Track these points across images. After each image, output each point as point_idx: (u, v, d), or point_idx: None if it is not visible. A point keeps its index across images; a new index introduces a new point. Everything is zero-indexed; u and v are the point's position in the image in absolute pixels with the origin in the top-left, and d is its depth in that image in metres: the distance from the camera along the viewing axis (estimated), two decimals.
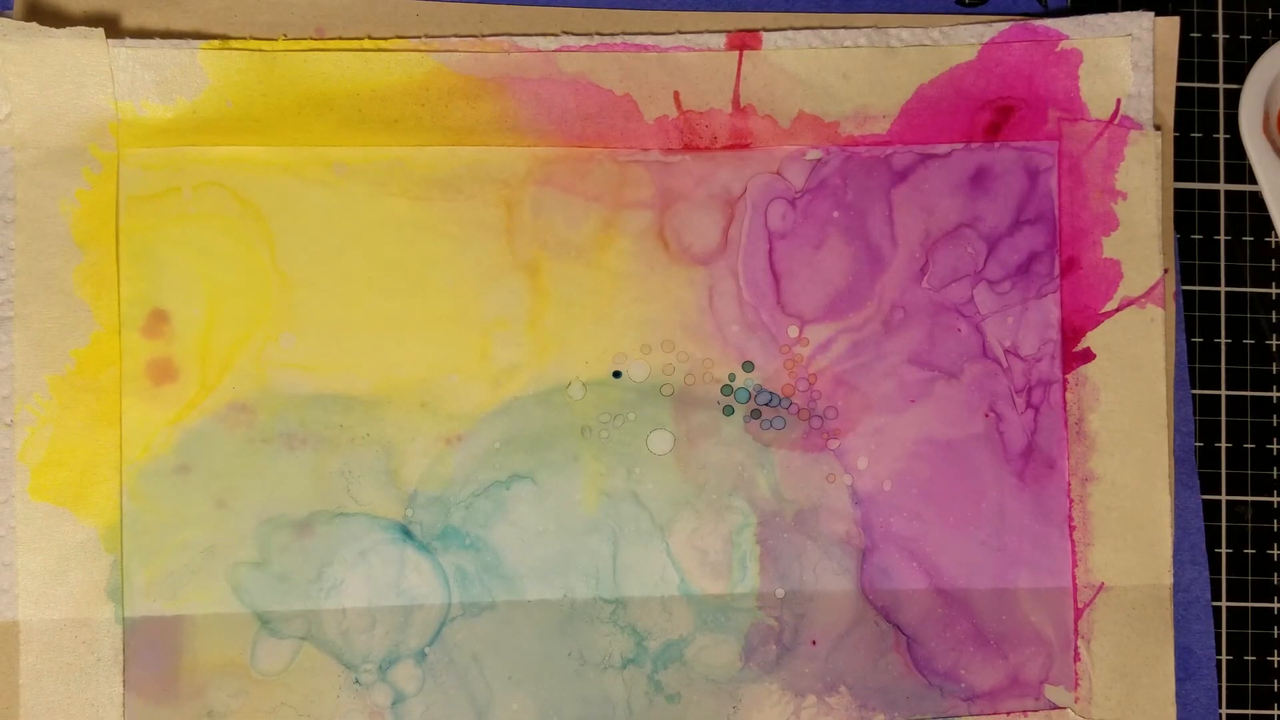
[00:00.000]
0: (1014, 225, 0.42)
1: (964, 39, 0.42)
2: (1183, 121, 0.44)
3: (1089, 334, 0.42)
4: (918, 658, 0.41)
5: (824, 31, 0.42)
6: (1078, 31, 0.42)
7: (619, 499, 0.41)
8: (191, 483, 0.40)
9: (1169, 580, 0.42)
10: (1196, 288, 0.43)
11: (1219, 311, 0.43)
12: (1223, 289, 0.43)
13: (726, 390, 0.42)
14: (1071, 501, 0.42)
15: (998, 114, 0.42)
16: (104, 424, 0.40)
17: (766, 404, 0.42)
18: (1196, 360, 0.43)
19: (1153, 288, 0.42)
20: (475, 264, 0.41)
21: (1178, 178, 0.44)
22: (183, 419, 0.40)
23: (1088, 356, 0.42)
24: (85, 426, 0.40)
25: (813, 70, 0.42)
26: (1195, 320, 0.43)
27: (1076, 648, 0.42)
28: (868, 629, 0.42)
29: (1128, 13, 0.42)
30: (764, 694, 0.41)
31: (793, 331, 0.42)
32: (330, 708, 0.40)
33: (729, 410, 0.42)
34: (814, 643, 0.41)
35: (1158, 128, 0.42)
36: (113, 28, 0.41)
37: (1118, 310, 0.42)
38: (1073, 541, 0.42)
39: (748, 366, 0.42)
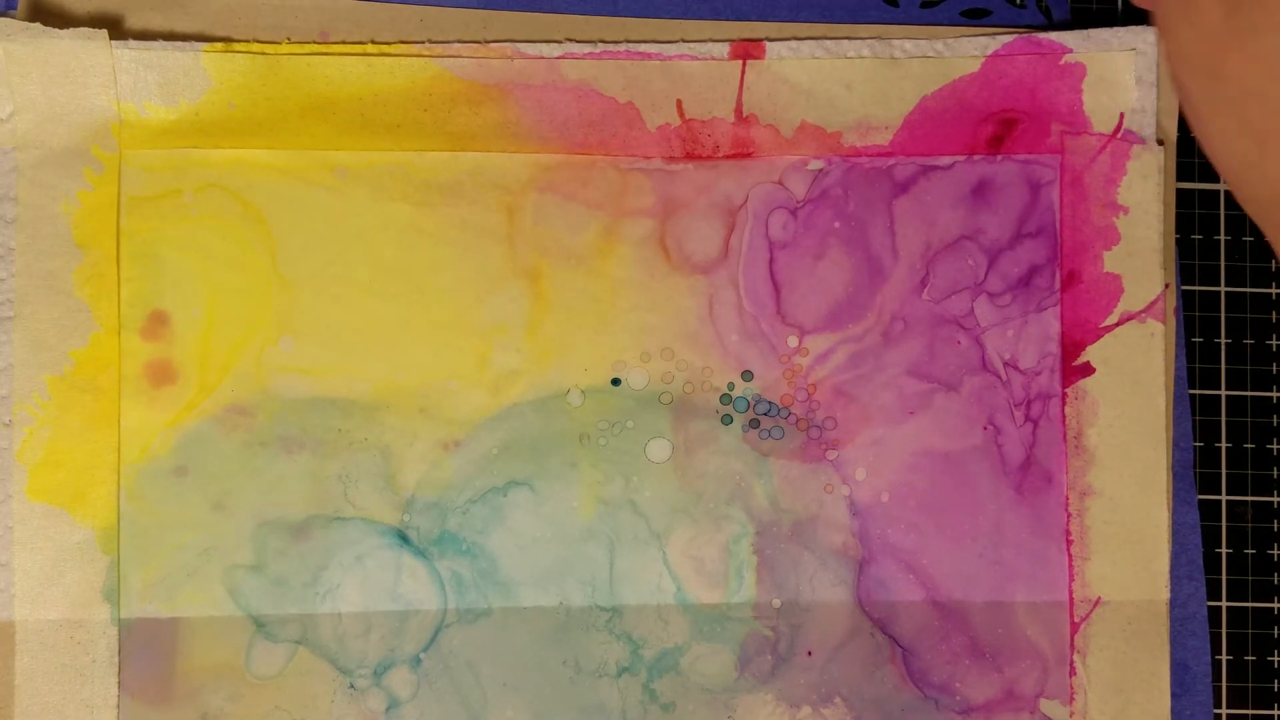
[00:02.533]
0: (1015, 238, 0.42)
1: (968, 51, 0.42)
2: (1183, 121, 0.44)
3: (1089, 348, 0.42)
4: (913, 670, 0.41)
5: (827, 42, 0.42)
6: (1082, 45, 0.42)
7: (616, 507, 0.41)
8: (189, 485, 0.40)
9: (1166, 596, 0.42)
10: (1196, 288, 0.43)
11: (1219, 312, 0.43)
12: (1222, 289, 0.43)
13: (725, 399, 0.42)
14: (1069, 516, 0.42)
15: (1000, 126, 0.42)
16: (102, 425, 0.40)
17: (765, 414, 0.42)
18: (1196, 360, 0.43)
19: (1153, 303, 0.42)
20: (476, 270, 0.41)
21: (1178, 178, 0.43)
22: (181, 421, 0.40)
23: (1087, 371, 0.42)
24: (84, 427, 0.40)
25: (815, 80, 0.42)
26: (1195, 320, 0.43)
27: (1072, 662, 0.42)
28: (864, 640, 0.41)
29: (1132, 27, 0.42)
30: (759, 704, 0.41)
31: (792, 341, 0.42)
32: (324, 712, 0.40)
33: (727, 419, 0.42)
34: (809, 653, 0.41)
35: (1160, 142, 0.42)
36: (116, 29, 0.41)
37: (1118, 325, 0.42)
38: (1070, 556, 0.42)
39: (747, 376, 0.42)
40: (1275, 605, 0.43)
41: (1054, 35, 0.42)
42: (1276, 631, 0.43)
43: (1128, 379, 0.42)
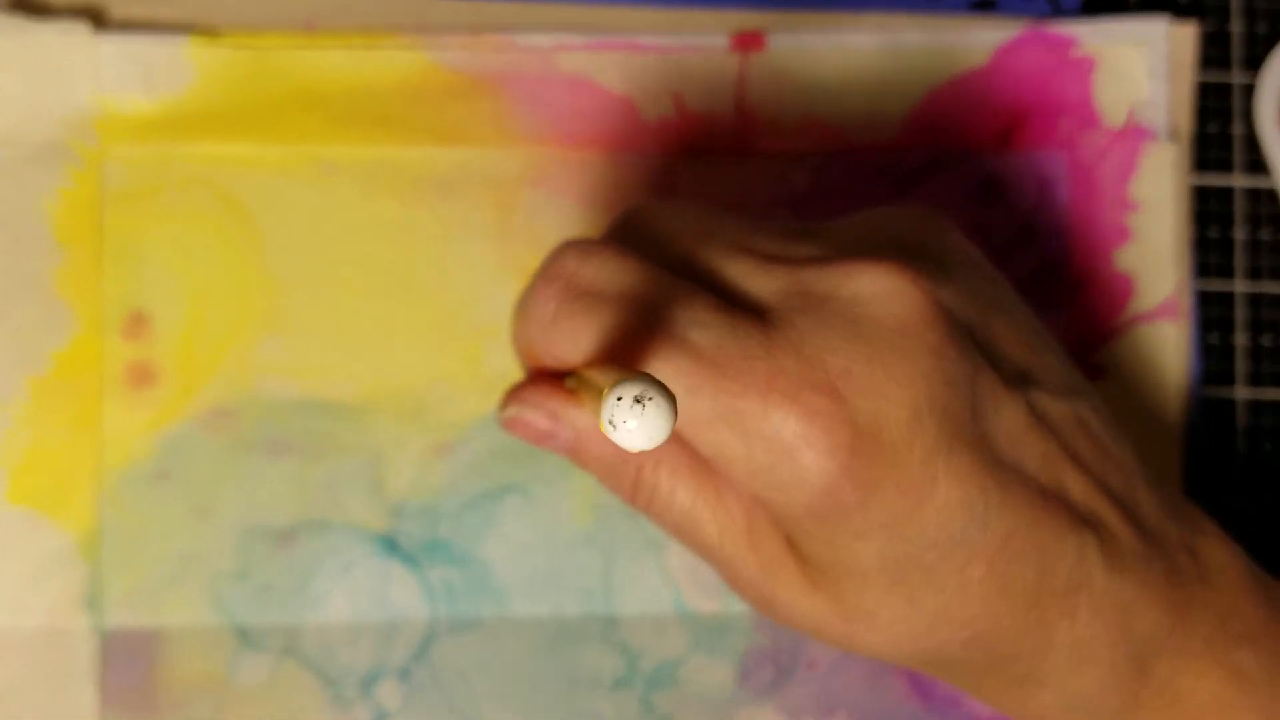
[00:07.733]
0: (1023, 236, 0.41)
1: (975, 43, 0.41)
2: (1198, 115, 0.43)
3: (1100, 350, 0.41)
4: (919, 682, 0.41)
5: (830, 34, 0.41)
6: (1092, 37, 0.41)
7: (612, 512, 0.40)
8: (171, 490, 0.39)
9: None
10: (1212, 285, 0.43)
11: (1233, 309, 0.43)
12: (1237, 287, 0.43)
13: None
14: None
15: (1008, 120, 0.41)
16: (83, 428, 0.39)
17: None
18: (1212, 360, 0.42)
19: (1166, 302, 0.41)
20: (466, 268, 0.40)
21: (1191, 172, 0.43)
22: (163, 424, 0.39)
23: (1099, 373, 0.41)
24: (64, 430, 0.39)
25: (818, 73, 0.41)
26: (1210, 318, 0.42)
27: None
28: None
29: (1144, 19, 0.41)
30: (760, 717, 0.40)
31: None
32: None
33: None
34: (812, 665, 0.40)
35: (1173, 137, 0.42)
36: (98, 20, 0.40)
37: (1129, 325, 0.41)
38: None
39: None
40: None
41: (1063, 27, 0.41)
42: None
43: (1141, 381, 0.41)
